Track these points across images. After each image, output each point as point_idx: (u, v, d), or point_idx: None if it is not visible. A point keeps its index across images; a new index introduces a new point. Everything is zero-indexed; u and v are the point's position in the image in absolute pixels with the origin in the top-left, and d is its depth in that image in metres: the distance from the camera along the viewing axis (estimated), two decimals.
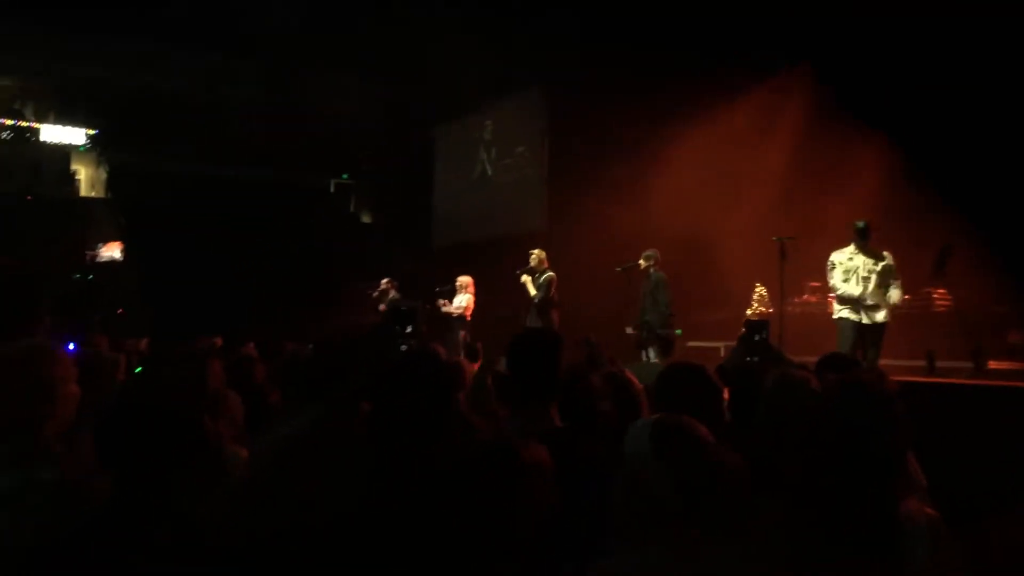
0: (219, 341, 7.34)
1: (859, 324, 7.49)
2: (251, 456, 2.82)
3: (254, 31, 14.59)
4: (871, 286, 7.47)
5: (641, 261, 9.39)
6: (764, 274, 10.48)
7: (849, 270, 7.58)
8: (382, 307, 12.28)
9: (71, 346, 3.57)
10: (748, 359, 6.05)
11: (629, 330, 9.57)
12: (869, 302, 7.47)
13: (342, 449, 2.26)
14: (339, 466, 2.18)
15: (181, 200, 15.94)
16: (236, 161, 17.81)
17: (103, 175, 18.65)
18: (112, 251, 16.16)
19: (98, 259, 15.80)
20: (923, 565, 1.84)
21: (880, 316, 7.46)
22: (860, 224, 7.59)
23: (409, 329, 8.51)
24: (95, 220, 16.83)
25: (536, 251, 10.33)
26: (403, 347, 7.50)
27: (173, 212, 15.49)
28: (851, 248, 7.62)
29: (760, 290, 11.08)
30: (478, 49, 12.48)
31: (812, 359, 5.15)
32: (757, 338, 6.54)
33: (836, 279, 7.66)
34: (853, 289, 7.52)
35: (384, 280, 12.70)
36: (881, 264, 7.50)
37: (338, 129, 18.03)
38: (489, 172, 16.26)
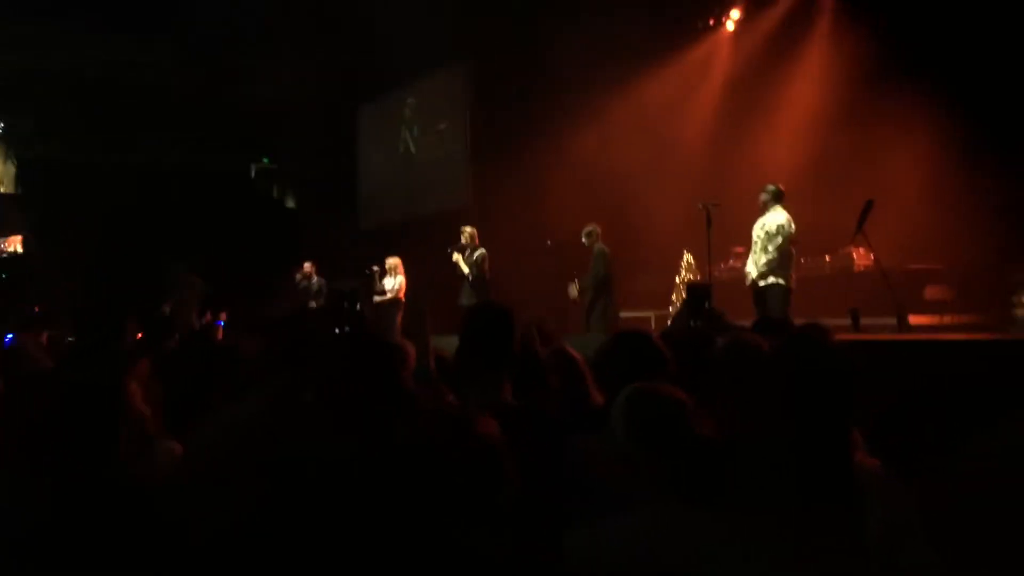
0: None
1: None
2: (188, 449, 2.72)
3: (166, 11, 14.10)
4: (756, 250, 7.76)
5: (583, 239, 9.60)
6: (690, 241, 10.62)
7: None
8: (308, 291, 12.25)
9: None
10: (692, 324, 6.07)
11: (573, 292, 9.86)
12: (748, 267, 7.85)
13: (289, 438, 2.19)
14: (287, 454, 2.11)
15: (95, 191, 15.37)
16: (153, 148, 17.25)
17: (12, 170, 17.87)
18: (13, 245, 15.47)
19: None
20: (879, 515, 1.88)
21: (751, 278, 7.75)
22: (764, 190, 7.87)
23: (358, 307, 8.46)
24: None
25: (467, 228, 10.31)
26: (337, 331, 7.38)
27: (87, 204, 14.93)
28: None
29: (688, 257, 11.24)
30: (398, 25, 12.29)
31: (745, 323, 5.25)
32: (699, 303, 6.56)
33: None
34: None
35: (306, 264, 12.63)
36: (764, 229, 7.70)
37: (256, 113, 17.57)
38: (412, 150, 16.09)
